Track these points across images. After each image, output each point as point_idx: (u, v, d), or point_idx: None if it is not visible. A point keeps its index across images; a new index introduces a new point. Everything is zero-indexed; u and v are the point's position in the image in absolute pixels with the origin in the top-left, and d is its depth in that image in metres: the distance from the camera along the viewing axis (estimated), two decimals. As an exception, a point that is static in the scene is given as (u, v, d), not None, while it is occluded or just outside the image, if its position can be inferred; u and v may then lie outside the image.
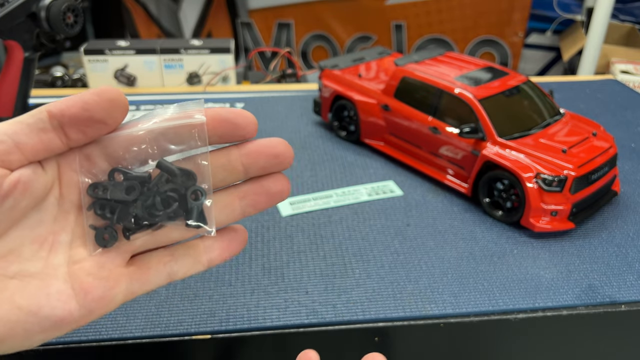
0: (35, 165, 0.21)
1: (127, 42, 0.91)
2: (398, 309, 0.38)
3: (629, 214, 0.50)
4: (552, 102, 0.55)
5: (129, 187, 0.22)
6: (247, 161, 0.23)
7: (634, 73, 1.18)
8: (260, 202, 0.24)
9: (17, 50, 0.59)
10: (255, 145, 0.23)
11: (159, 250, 0.24)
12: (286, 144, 0.23)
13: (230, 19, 1.78)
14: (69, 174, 0.22)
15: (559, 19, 1.72)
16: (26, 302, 0.20)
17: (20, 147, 0.20)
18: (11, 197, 0.20)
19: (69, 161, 0.22)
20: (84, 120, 0.20)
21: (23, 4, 0.57)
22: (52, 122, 0.20)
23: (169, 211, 0.22)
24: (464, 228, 0.48)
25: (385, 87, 0.58)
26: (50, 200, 0.21)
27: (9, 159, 0.20)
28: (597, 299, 0.40)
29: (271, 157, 0.23)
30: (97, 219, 0.22)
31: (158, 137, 0.22)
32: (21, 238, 0.21)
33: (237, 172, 0.23)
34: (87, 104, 0.20)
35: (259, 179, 0.24)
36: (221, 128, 0.22)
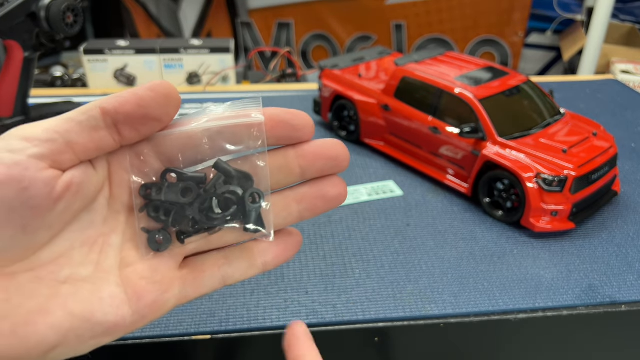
0: (87, 164, 0.20)
1: (126, 42, 0.91)
2: (398, 309, 0.38)
3: (629, 214, 0.50)
4: (553, 102, 0.55)
5: (185, 188, 0.21)
6: (305, 163, 0.22)
7: (634, 73, 1.18)
8: (318, 206, 0.23)
9: (17, 50, 0.59)
10: (312, 147, 0.22)
11: (212, 253, 0.23)
12: (343, 146, 0.23)
13: (230, 19, 1.78)
14: (120, 173, 0.21)
15: (559, 19, 1.72)
16: (79, 308, 0.19)
17: (72, 146, 0.19)
18: (64, 199, 0.19)
19: (119, 160, 0.21)
20: (139, 118, 0.19)
21: (23, 3, 0.57)
22: (106, 119, 0.19)
23: (227, 214, 0.21)
24: (464, 228, 0.48)
25: (385, 87, 0.58)
26: (101, 201, 0.21)
27: (61, 159, 0.19)
28: (598, 299, 0.40)
29: (329, 160, 0.22)
30: (150, 221, 0.21)
31: (214, 136, 0.21)
32: (72, 241, 0.20)
33: (294, 174, 0.22)
34: (143, 100, 0.19)
35: (316, 182, 0.23)
36: (279, 129, 0.21)
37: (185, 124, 0.21)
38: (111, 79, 0.90)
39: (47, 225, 0.19)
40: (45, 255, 0.19)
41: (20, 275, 0.19)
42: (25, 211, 0.18)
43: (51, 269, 0.19)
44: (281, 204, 0.23)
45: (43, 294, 0.19)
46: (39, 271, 0.19)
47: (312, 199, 0.23)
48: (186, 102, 0.78)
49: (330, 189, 0.23)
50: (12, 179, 0.17)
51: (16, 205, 0.18)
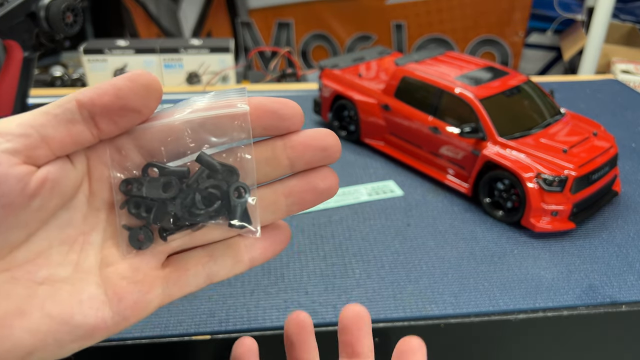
0: (64, 160, 0.19)
1: (126, 42, 0.91)
2: (398, 309, 0.38)
3: (629, 214, 0.50)
4: (553, 102, 0.55)
5: (167, 183, 0.20)
6: (293, 154, 0.21)
7: (634, 73, 1.18)
8: (307, 199, 0.22)
9: (17, 50, 0.59)
10: (301, 137, 0.21)
11: (196, 250, 0.22)
12: (334, 136, 0.21)
13: (230, 19, 1.78)
14: (100, 168, 0.20)
15: (559, 19, 1.72)
16: (57, 310, 0.18)
17: (47, 140, 0.18)
18: (39, 196, 0.18)
19: (99, 154, 0.20)
20: (117, 109, 0.18)
21: (22, 3, 0.57)
22: (82, 112, 0.18)
23: (211, 210, 0.20)
24: (465, 228, 0.48)
25: (385, 86, 0.58)
26: (80, 198, 0.20)
27: (36, 154, 0.18)
28: (598, 299, 0.39)
29: (319, 150, 0.21)
30: (131, 218, 0.20)
31: (197, 128, 0.20)
32: (49, 240, 0.19)
33: (282, 166, 0.21)
34: (120, 90, 0.18)
35: (305, 174, 0.22)
36: (265, 119, 0.20)
37: (167, 116, 0.20)
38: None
39: (21, 224, 0.18)
40: (22, 255, 0.18)
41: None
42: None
43: (28, 269, 0.18)
44: (269, 199, 0.22)
45: (19, 295, 0.18)
46: (15, 271, 0.18)
47: (301, 192, 0.22)
48: (186, 102, 0.78)
49: (320, 181, 0.22)
50: None
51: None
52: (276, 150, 0.21)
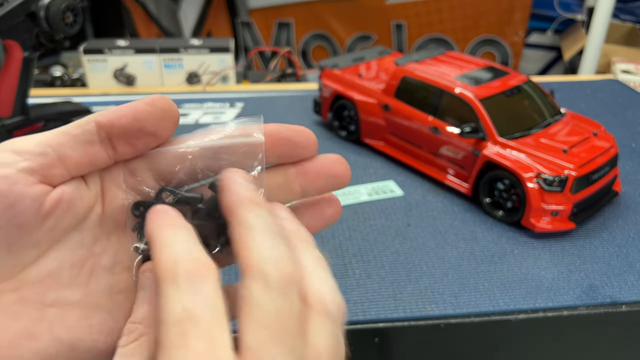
0: (79, 180, 0.19)
1: (126, 42, 0.91)
2: (398, 310, 0.38)
3: (629, 214, 0.50)
4: (553, 102, 0.55)
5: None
6: (305, 182, 0.22)
7: (634, 73, 1.18)
8: (315, 226, 0.22)
9: (16, 49, 0.59)
10: (314, 164, 0.22)
11: None
12: (345, 163, 0.22)
13: (230, 19, 1.77)
14: (113, 190, 0.20)
15: (559, 19, 1.72)
16: (67, 335, 0.18)
17: (64, 160, 0.18)
18: (53, 216, 0.18)
19: (113, 176, 0.20)
20: (135, 132, 0.19)
21: (22, 3, 0.57)
22: (100, 133, 0.18)
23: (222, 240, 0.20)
24: (465, 228, 0.48)
25: (385, 86, 0.58)
26: (92, 219, 0.20)
27: (52, 173, 0.18)
28: (598, 300, 0.39)
29: (330, 178, 0.22)
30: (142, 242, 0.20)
31: (211, 155, 0.20)
32: (60, 261, 0.19)
33: (294, 193, 0.22)
34: (139, 113, 0.19)
35: (312, 201, 0.22)
36: (280, 147, 0.21)
37: (183, 141, 0.20)
38: (111, 79, 0.90)
39: (33, 243, 0.18)
40: (32, 275, 0.18)
41: (4, 296, 0.18)
42: (11, 229, 0.17)
43: (37, 290, 0.18)
44: None
45: (29, 317, 0.18)
46: (24, 291, 0.18)
47: (309, 219, 0.22)
48: (186, 101, 0.78)
49: (327, 208, 0.22)
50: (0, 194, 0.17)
51: (2, 223, 0.17)
52: (289, 177, 0.22)
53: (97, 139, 0.19)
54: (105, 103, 0.76)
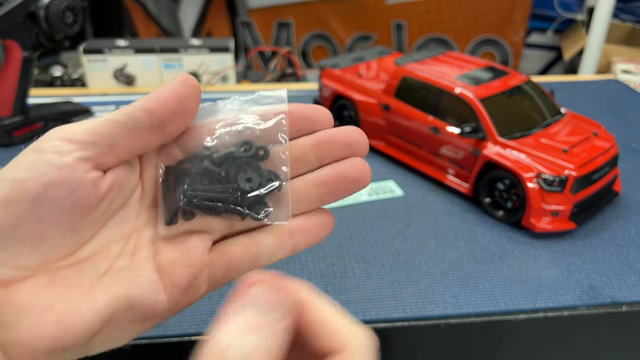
0: (126, 164, 0.21)
1: (126, 42, 0.91)
2: (398, 310, 0.38)
3: (630, 214, 0.50)
4: (553, 102, 0.55)
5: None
6: (321, 152, 0.22)
7: (635, 73, 1.18)
8: (339, 189, 0.23)
9: (16, 49, 0.59)
10: (328, 135, 0.23)
11: (240, 237, 0.23)
12: (360, 132, 0.23)
13: (229, 19, 1.77)
14: (149, 169, 0.22)
15: (559, 19, 1.72)
16: (122, 292, 0.20)
17: (115, 148, 0.20)
18: (107, 198, 0.20)
19: (148, 157, 0.22)
20: (181, 112, 0.20)
21: (22, 3, 0.57)
22: (152, 119, 0.20)
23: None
24: (465, 228, 0.48)
25: (385, 86, 0.58)
26: (134, 197, 0.22)
27: (103, 160, 0.19)
28: (598, 300, 0.39)
29: (345, 147, 0.22)
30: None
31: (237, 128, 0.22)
32: (109, 236, 0.21)
33: (310, 163, 0.23)
34: (181, 95, 0.20)
35: (335, 165, 0.23)
36: (299, 123, 0.22)
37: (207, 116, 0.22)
38: (110, 79, 0.90)
39: (91, 224, 0.20)
40: (87, 251, 0.20)
41: (64, 270, 0.19)
42: (74, 211, 0.19)
43: (91, 262, 0.20)
44: (300, 189, 0.23)
45: (86, 283, 0.19)
46: (81, 265, 0.20)
47: (332, 182, 0.22)
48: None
49: (350, 170, 0.22)
50: (63, 180, 0.18)
51: (66, 205, 0.19)
52: (304, 149, 0.23)
53: (147, 125, 0.20)
54: (105, 103, 0.76)
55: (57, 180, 0.18)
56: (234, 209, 0.21)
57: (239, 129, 0.22)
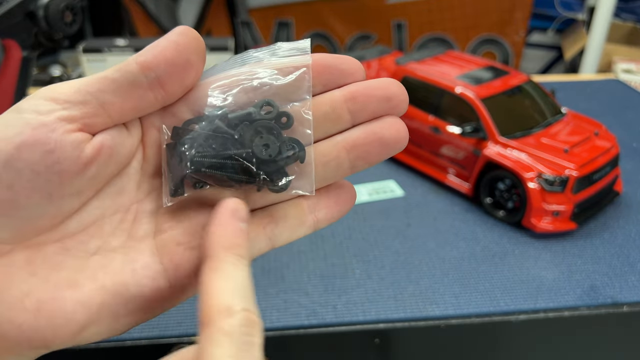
0: (120, 127, 0.18)
1: (125, 41, 0.91)
2: (399, 310, 0.38)
3: (631, 214, 0.50)
4: (554, 102, 0.55)
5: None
6: (354, 107, 0.19)
7: (636, 72, 1.18)
8: (373, 153, 0.19)
9: (15, 49, 0.59)
10: (362, 87, 0.19)
11: (256, 212, 0.20)
12: (399, 84, 0.19)
13: (229, 18, 1.77)
14: (153, 133, 0.19)
15: (560, 18, 1.72)
16: (111, 281, 0.17)
17: (107, 107, 0.17)
18: (94, 164, 0.17)
19: (151, 119, 0.19)
20: (182, 65, 0.17)
21: (21, 2, 0.57)
22: (147, 74, 0.17)
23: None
24: (465, 228, 0.47)
25: (385, 86, 0.58)
26: (134, 165, 0.19)
27: (93, 122, 0.17)
28: (599, 300, 0.39)
29: (383, 101, 0.19)
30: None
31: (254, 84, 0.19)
32: (103, 209, 0.18)
33: (343, 121, 0.19)
34: (180, 45, 0.17)
35: (368, 125, 0.19)
36: (326, 75, 0.19)
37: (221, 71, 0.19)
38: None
39: (75, 192, 0.17)
40: (74, 225, 0.18)
41: (46, 247, 0.17)
42: (50, 176, 0.16)
43: (80, 239, 0.18)
44: (329, 154, 0.20)
45: (71, 266, 0.17)
46: (67, 242, 0.17)
47: (365, 145, 0.19)
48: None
49: (387, 130, 0.19)
50: (37, 141, 0.16)
51: (41, 170, 0.16)
52: (335, 103, 0.19)
53: (143, 81, 0.17)
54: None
55: (31, 140, 0.16)
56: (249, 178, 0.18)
57: (255, 85, 0.19)
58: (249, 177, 0.18)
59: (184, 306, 0.38)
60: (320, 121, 0.19)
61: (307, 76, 0.19)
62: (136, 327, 0.36)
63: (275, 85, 0.19)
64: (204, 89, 0.19)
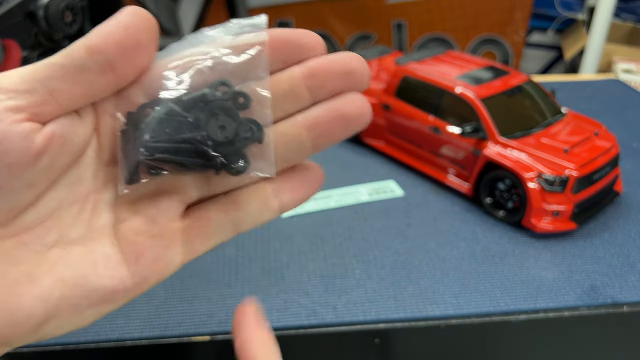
0: (72, 114, 0.17)
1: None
2: (399, 310, 0.38)
3: (631, 214, 0.50)
4: (554, 102, 0.55)
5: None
6: (313, 83, 0.19)
7: (636, 72, 1.18)
8: (335, 130, 0.19)
9: (15, 49, 0.59)
10: (322, 62, 0.19)
11: (218, 198, 0.20)
12: (359, 58, 0.19)
13: (229, 18, 1.77)
14: (107, 120, 0.18)
15: (560, 18, 1.72)
16: (70, 274, 0.17)
17: (55, 95, 0.16)
18: (46, 154, 0.16)
19: (104, 105, 0.18)
20: (132, 47, 0.17)
21: (21, 2, 0.57)
22: (96, 58, 0.16)
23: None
24: (465, 228, 0.48)
25: (386, 86, 0.58)
26: (89, 154, 0.18)
27: (42, 110, 0.16)
28: (599, 300, 0.39)
29: (343, 75, 0.19)
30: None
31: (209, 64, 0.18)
32: (59, 200, 0.17)
33: (302, 99, 0.19)
34: (129, 26, 0.17)
35: (328, 102, 0.19)
36: (284, 50, 0.18)
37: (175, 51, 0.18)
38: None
39: (27, 184, 0.16)
40: (30, 218, 0.17)
41: (4, 242, 0.17)
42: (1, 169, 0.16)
43: (37, 233, 0.17)
44: (289, 133, 0.19)
45: (29, 261, 0.17)
46: (24, 236, 0.17)
47: (326, 123, 0.19)
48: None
49: (347, 106, 0.19)
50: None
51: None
52: (294, 80, 0.19)
53: (92, 66, 0.16)
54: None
55: None
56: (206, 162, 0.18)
57: (210, 65, 0.18)
58: (206, 161, 0.18)
59: (185, 307, 0.38)
60: (279, 100, 0.19)
61: (263, 54, 0.18)
62: (136, 327, 0.36)
63: (230, 64, 0.18)
64: (158, 71, 0.18)
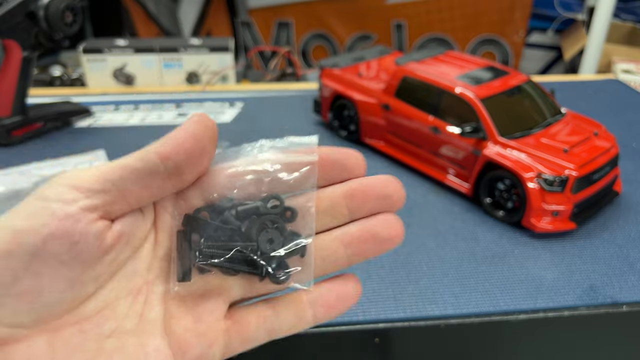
0: (137, 212, 0.19)
1: (125, 41, 0.91)
2: (399, 310, 0.38)
3: (630, 214, 0.50)
4: (554, 102, 0.55)
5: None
6: (353, 204, 0.20)
7: (635, 72, 1.18)
8: (369, 249, 0.21)
9: (16, 49, 0.59)
10: (362, 185, 0.20)
11: (259, 304, 0.21)
12: (397, 182, 0.21)
13: (229, 18, 1.77)
14: (165, 217, 0.20)
15: (560, 18, 1.72)
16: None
17: (126, 195, 0.18)
18: (114, 250, 0.18)
19: (164, 203, 0.20)
20: (198, 154, 0.18)
21: (22, 3, 0.57)
22: (167, 164, 0.18)
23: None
24: (465, 228, 0.48)
25: (386, 86, 0.58)
26: (146, 247, 0.20)
27: (113, 209, 0.18)
28: (599, 300, 0.39)
29: (380, 199, 0.20)
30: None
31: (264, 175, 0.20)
32: (116, 290, 0.19)
33: (341, 215, 0.21)
34: (197, 135, 0.18)
35: (365, 222, 0.21)
36: (330, 170, 0.20)
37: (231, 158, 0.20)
38: (110, 79, 0.90)
39: (94, 277, 0.18)
40: (90, 307, 0.18)
41: (64, 330, 0.18)
42: (75, 266, 0.17)
43: (95, 322, 0.18)
44: (328, 248, 0.21)
45: (89, 349, 0.18)
46: (84, 324, 0.18)
47: (361, 243, 0.21)
48: (186, 101, 0.78)
49: (383, 230, 0.21)
50: (64, 233, 0.17)
51: (66, 260, 0.17)
52: (335, 200, 0.21)
53: (162, 170, 0.18)
54: (105, 103, 0.76)
55: (58, 232, 0.17)
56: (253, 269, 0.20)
57: (264, 180, 0.20)
58: (253, 269, 0.20)
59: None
60: (319, 215, 0.20)
61: (312, 173, 0.20)
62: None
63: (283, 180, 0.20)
64: (215, 175, 0.20)
